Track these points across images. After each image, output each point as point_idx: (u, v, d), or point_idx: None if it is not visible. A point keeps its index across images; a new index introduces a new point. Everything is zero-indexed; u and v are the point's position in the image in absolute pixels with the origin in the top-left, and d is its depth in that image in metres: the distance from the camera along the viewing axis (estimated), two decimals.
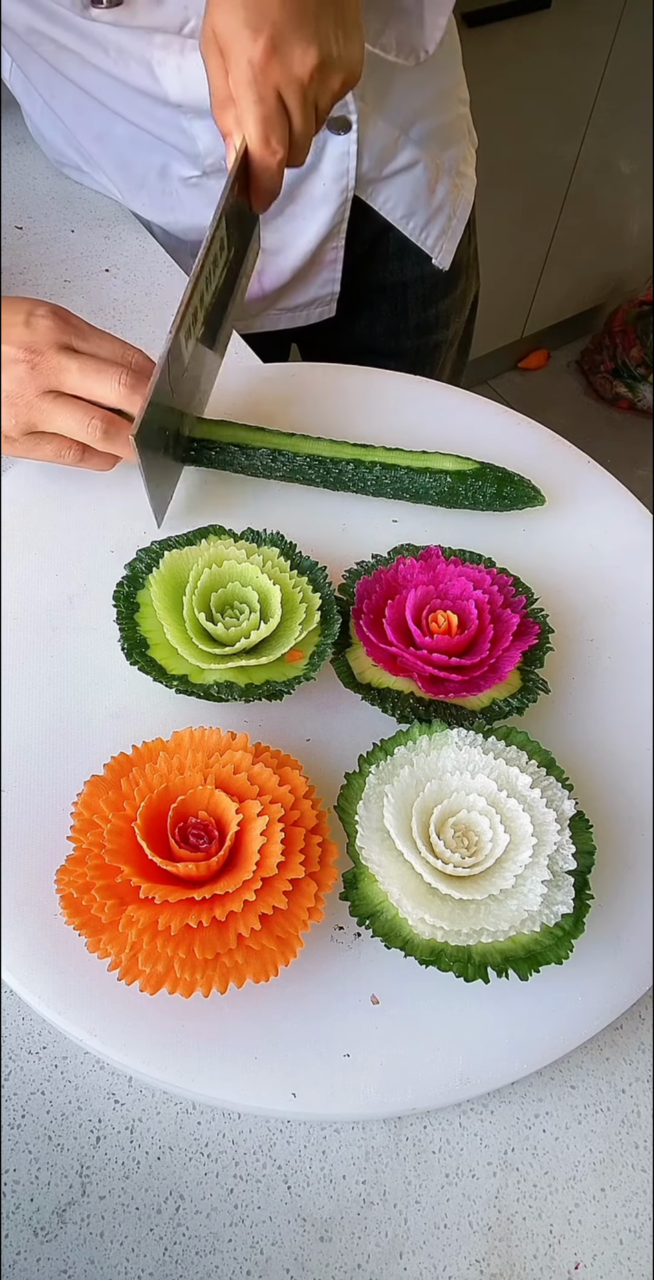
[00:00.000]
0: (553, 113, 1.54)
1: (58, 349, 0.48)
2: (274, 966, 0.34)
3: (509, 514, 0.55)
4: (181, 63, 0.62)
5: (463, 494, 0.53)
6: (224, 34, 0.45)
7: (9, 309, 0.49)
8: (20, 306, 0.49)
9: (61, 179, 0.81)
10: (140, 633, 0.44)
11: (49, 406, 0.48)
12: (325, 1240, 0.36)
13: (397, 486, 0.53)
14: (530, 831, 0.36)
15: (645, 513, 0.57)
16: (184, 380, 0.49)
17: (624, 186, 1.82)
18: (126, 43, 0.61)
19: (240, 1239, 0.36)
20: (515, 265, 1.83)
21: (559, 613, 0.51)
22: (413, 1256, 0.36)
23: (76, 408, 0.48)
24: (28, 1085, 0.39)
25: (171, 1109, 0.39)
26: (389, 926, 0.36)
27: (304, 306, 0.83)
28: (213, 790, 0.37)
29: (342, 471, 0.53)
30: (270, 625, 0.43)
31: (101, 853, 0.35)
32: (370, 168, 0.73)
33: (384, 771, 0.39)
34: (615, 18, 1.48)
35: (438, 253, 0.82)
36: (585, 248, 1.92)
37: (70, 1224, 0.36)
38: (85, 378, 0.48)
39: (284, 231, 0.75)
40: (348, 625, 0.46)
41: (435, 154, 0.77)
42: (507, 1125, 0.39)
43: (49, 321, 0.49)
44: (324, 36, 0.46)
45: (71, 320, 0.50)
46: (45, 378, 0.48)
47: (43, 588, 0.50)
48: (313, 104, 0.48)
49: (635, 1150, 0.39)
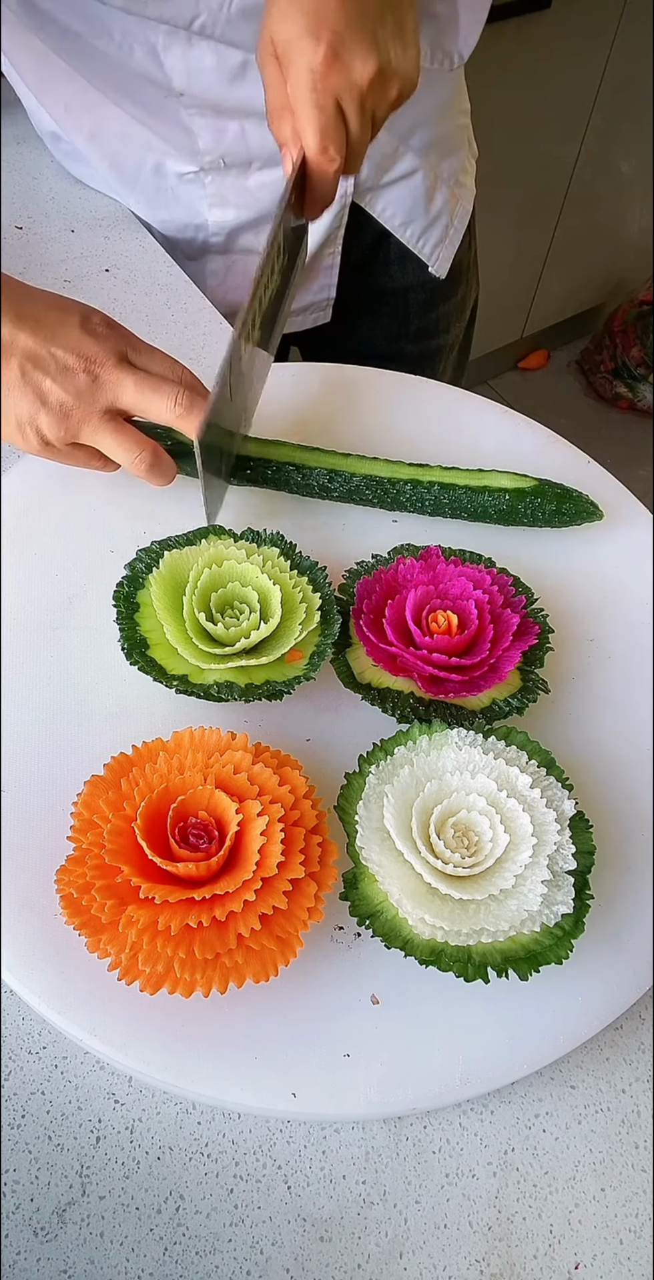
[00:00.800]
0: (553, 113, 1.54)
1: (116, 361, 0.46)
2: (274, 966, 0.34)
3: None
4: (187, 49, 0.61)
5: (522, 512, 0.52)
6: (283, 42, 0.45)
7: (59, 308, 0.47)
8: (73, 310, 0.47)
9: (62, 179, 0.81)
10: (140, 633, 0.44)
11: (104, 427, 0.47)
12: (325, 1240, 0.36)
13: (455, 506, 0.53)
14: (530, 831, 0.36)
15: (645, 513, 0.57)
16: (239, 389, 0.48)
17: (624, 186, 1.82)
18: (133, 27, 0.61)
19: (240, 1239, 0.36)
20: (515, 265, 1.83)
21: (559, 613, 0.51)
22: (413, 1256, 0.36)
23: (128, 435, 0.47)
24: (28, 1085, 0.39)
25: (171, 1109, 0.39)
26: (389, 926, 0.36)
27: (299, 312, 0.83)
28: (213, 790, 0.37)
29: (399, 492, 0.52)
30: (270, 625, 0.43)
31: (101, 853, 0.35)
32: (369, 175, 0.73)
33: (384, 771, 0.39)
34: (615, 18, 1.48)
35: (435, 260, 0.82)
36: (585, 248, 1.92)
37: (70, 1224, 0.36)
38: (142, 395, 0.46)
39: None
40: (348, 625, 0.46)
41: (434, 163, 0.77)
42: (507, 1125, 0.39)
43: (106, 330, 0.47)
44: (383, 45, 0.46)
45: (124, 330, 0.49)
46: (105, 393, 0.46)
47: (43, 588, 0.50)
48: (370, 113, 0.47)
49: (635, 1150, 0.39)
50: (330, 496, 0.54)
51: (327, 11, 0.44)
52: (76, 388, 0.46)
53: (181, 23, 0.59)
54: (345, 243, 0.77)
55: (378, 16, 0.45)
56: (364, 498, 0.53)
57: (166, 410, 0.47)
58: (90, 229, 0.78)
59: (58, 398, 0.46)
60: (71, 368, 0.46)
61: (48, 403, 0.46)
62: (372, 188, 0.75)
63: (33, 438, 0.47)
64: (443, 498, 0.53)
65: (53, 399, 0.46)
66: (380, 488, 0.52)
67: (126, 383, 0.46)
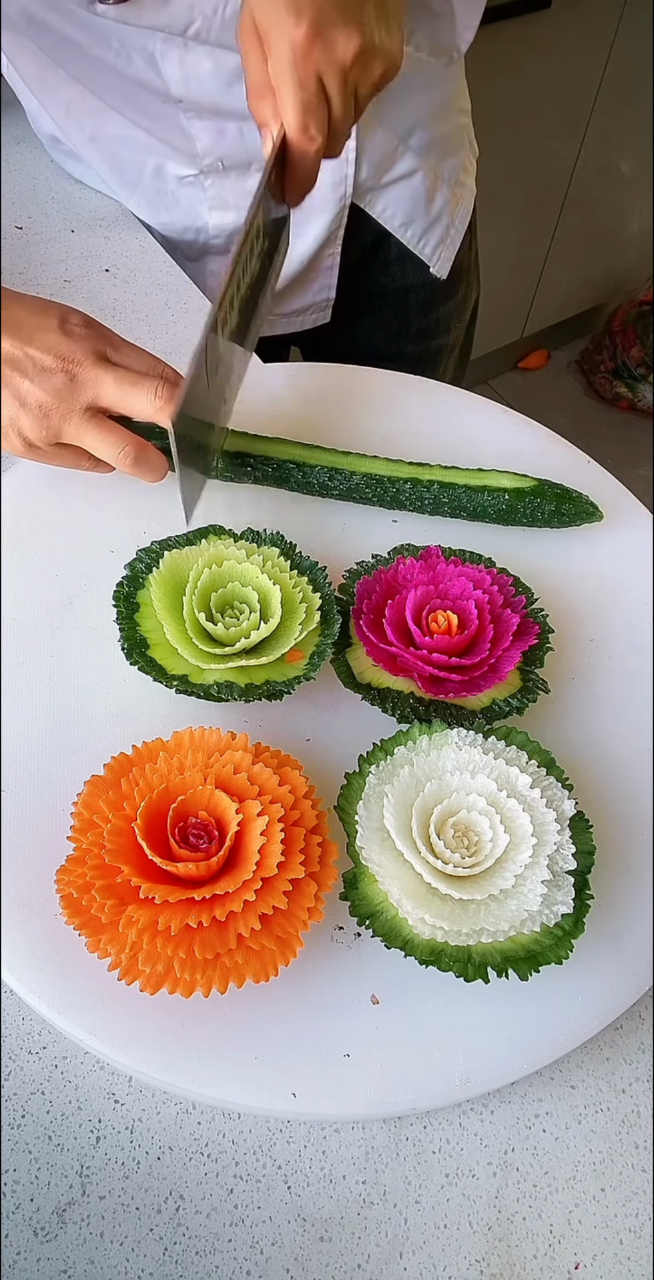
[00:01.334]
0: (553, 113, 1.54)
1: (95, 359, 0.47)
2: (274, 966, 0.34)
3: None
4: (184, 56, 0.62)
5: (521, 512, 0.53)
6: (264, 19, 0.44)
7: (38, 311, 0.47)
8: (52, 311, 0.48)
9: (62, 179, 0.81)
10: (140, 633, 0.44)
11: (86, 425, 0.47)
12: (325, 1240, 0.36)
13: (454, 505, 0.53)
14: (530, 831, 0.36)
15: (645, 513, 0.57)
16: (216, 378, 0.47)
17: (624, 186, 1.82)
18: (130, 35, 0.61)
19: (240, 1239, 0.36)
20: (515, 265, 1.83)
21: (559, 613, 0.51)
22: (413, 1256, 0.36)
23: (111, 432, 0.48)
24: (28, 1085, 0.39)
25: (171, 1109, 0.39)
26: (389, 926, 0.36)
27: (299, 312, 0.83)
28: (213, 790, 0.37)
29: (399, 491, 0.53)
30: (270, 625, 0.43)
31: (101, 853, 0.35)
32: (368, 176, 0.73)
33: (384, 771, 0.39)
34: (615, 18, 1.47)
35: (436, 260, 0.82)
36: (585, 248, 1.91)
37: (70, 1224, 0.36)
38: (121, 391, 0.47)
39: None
40: (348, 625, 0.46)
41: (434, 163, 0.77)
42: (507, 1125, 0.39)
43: (85, 330, 0.48)
44: (367, 24, 0.45)
45: (103, 329, 0.49)
46: (84, 391, 0.47)
47: (43, 588, 0.50)
48: (353, 92, 0.47)
49: (635, 1150, 0.39)
50: (330, 494, 0.54)
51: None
52: (55, 387, 0.46)
53: (177, 29, 0.59)
54: (345, 243, 0.77)
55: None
56: (364, 496, 0.53)
57: (147, 404, 0.47)
58: (90, 229, 0.78)
59: (37, 398, 0.46)
60: (49, 368, 0.46)
61: (27, 404, 0.46)
62: (371, 188, 0.75)
63: (16, 440, 0.48)
64: (443, 497, 0.53)
65: (32, 400, 0.46)
66: (380, 486, 0.52)
67: (105, 380, 0.47)
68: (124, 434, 0.48)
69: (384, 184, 0.75)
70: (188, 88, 0.63)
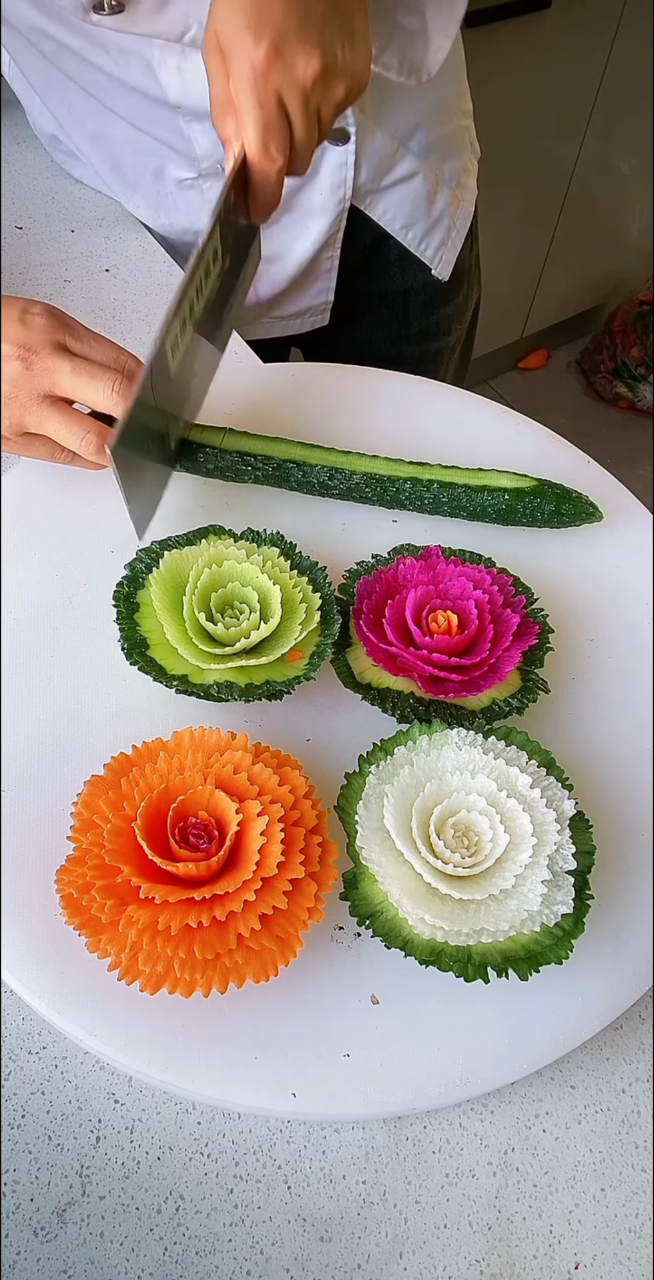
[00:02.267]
0: (553, 113, 1.54)
1: (52, 349, 0.47)
2: (274, 966, 0.34)
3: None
4: (182, 63, 0.62)
5: (521, 512, 0.52)
6: (226, 36, 0.44)
7: (4, 306, 0.48)
8: (15, 304, 0.49)
9: (61, 179, 0.81)
10: (140, 633, 0.44)
11: (45, 412, 0.48)
12: (325, 1240, 0.36)
13: (454, 505, 0.53)
14: (530, 831, 0.36)
15: (645, 513, 0.57)
16: (173, 387, 0.48)
17: (624, 186, 1.82)
18: (127, 43, 0.61)
19: (240, 1239, 0.36)
20: (515, 265, 1.83)
21: (559, 613, 0.51)
22: (413, 1256, 0.36)
23: (71, 418, 0.48)
24: (28, 1085, 0.39)
25: (171, 1109, 0.39)
26: (389, 926, 0.36)
27: (298, 315, 0.83)
28: (213, 790, 0.37)
29: (399, 490, 0.53)
30: (270, 625, 0.43)
31: (101, 853, 0.35)
32: (368, 179, 0.73)
33: (384, 771, 0.39)
34: (615, 18, 1.48)
35: (437, 263, 0.82)
36: (585, 248, 1.92)
37: (70, 1224, 0.36)
38: (78, 381, 0.47)
39: (279, 240, 0.75)
40: (348, 625, 0.46)
41: (435, 165, 0.77)
42: (507, 1125, 0.39)
43: (44, 320, 0.48)
44: (329, 43, 0.45)
45: (66, 320, 0.49)
46: (40, 379, 0.47)
47: (43, 588, 0.50)
48: (315, 112, 0.46)
49: (635, 1150, 0.39)
50: (330, 494, 0.54)
51: (270, 8, 0.43)
52: (11, 375, 0.47)
53: (173, 36, 0.59)
54: (344, 245, 0.77)
55: (324, 15, 0.44)
56: (364, 495, 0.53)
57: (103, 397, 0.47)
58: (90, 229, 0.78)
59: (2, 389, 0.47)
60: (8, 356, 0.47)
61: None
62: (371, 191, 0.74)
63: None
64: (442, 496, 0.53)
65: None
66: (380, 485, 0.52)
67: (63, 369, 0.47)
68: (87, 421, 0.48)
69: (384, 187, 0.75)
70: (186, 93, 0.64)
